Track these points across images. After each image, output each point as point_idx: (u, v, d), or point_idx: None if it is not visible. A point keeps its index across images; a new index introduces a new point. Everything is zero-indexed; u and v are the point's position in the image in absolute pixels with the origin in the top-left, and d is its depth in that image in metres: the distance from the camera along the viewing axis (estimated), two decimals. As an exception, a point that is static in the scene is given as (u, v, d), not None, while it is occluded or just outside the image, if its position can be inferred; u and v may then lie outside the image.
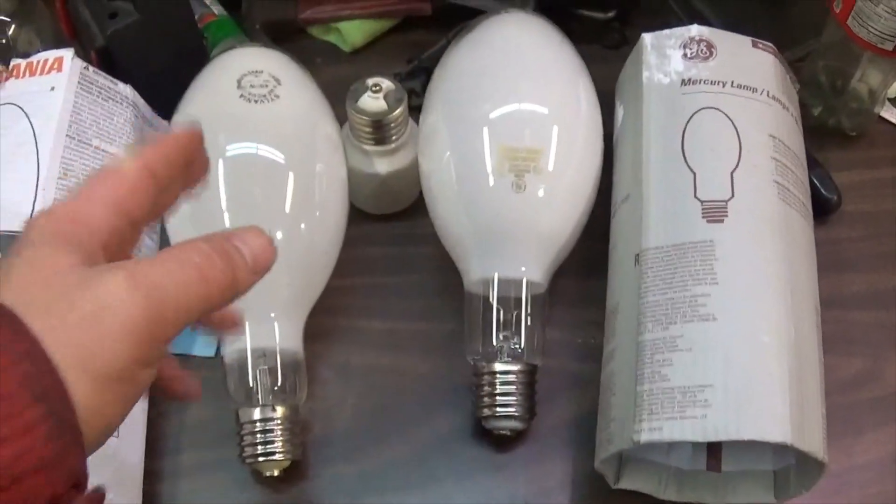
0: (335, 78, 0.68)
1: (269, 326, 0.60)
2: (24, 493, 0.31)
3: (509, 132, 0.62)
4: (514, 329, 0.61)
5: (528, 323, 0.61)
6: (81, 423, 0.34)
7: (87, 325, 0.34)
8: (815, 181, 0.68)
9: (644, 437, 0.52)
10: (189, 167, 0.43)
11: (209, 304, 0.38)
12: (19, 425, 0.31)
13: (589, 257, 0.66)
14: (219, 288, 0.38)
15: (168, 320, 0.36)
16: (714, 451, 0.59)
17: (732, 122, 0.60)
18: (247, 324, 0.60)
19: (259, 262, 0.40)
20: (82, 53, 0.68)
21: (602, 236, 0.65)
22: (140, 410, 0.61)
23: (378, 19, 0.82)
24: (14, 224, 0.59)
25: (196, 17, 0.77)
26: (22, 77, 0.66)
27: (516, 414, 0.60)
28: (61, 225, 0.38)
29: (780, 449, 0.56)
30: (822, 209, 0.68)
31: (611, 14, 0.80)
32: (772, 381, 0.52)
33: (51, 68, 0.65)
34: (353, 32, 0.81)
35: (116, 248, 0.39)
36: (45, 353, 0.33)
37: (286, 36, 0.68)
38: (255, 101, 0.62)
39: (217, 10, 0.81)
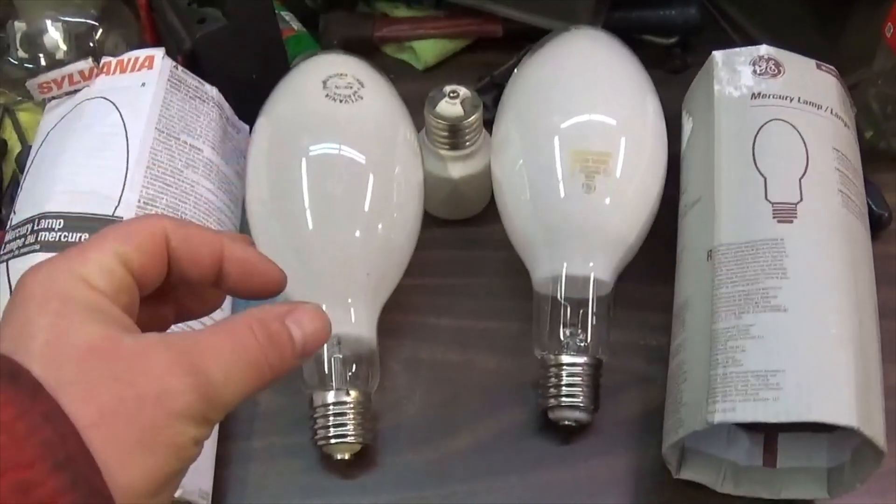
0: (408, 94, 0.71)
1: (346, 312, 0.63)
2: None
3: (579, 139, 0.66)
4: (580, 325, 0.63)
5: (594, 320, 0.63)
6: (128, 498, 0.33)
7: (147, 409, 0.34)
8: (868, 199, 0.71)
9: (718, 418, 0.55)
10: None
11: (259, 387, 0.39)
12: (42, 495, 0.31)
13: (652, 263, 0.68)
14: (267, 375, 0.39)
15: (220, 405, 0.37)
16: (770, 446, 0.62)
17: (800, 134, 0.64)
18: (324, 309, 0.62)
19: (308, 348, 0.41)
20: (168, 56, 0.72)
21: (665, 243, 0.68)
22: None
23: (451, 39, 0.86)
24: (104, 208, 0.62)
25: (276, 32, 0.82)
26: (112, 73, 0.69)
27: (581, 405, 0.62)
28: (77, 290, 0.37)
29: (835, 445, 0.59)
30: (874, 225, 0.71)
31: (673, 40, 0.84)
32: (839, 369, 0.55)
33: (142, 66, 0.69)
34: (427, 51, 0.85)
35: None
36: (66, 416, 0.32)
37: (362, 53, 0.71)
38: (340, 101, 0.66)
39: (296, 25, 0.85)
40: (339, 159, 0.65)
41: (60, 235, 0.61)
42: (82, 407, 0.33)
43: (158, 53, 0.69)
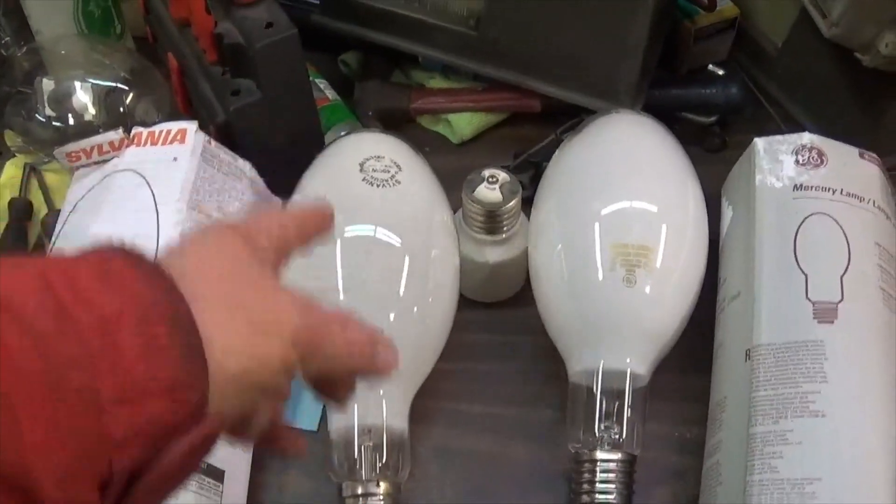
0: (443, 168, 0.75)
1: (378, 403, 0.66)
2: (149, 411, 0.36)
3: (620, 229, 0.69)
4: (615, 419, 0.66)
5: (630, 414, 0.66)
6: (222, 386, 0.39)
7: (262, 317, 0.42)
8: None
9: (753, 527, 0.57)
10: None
11: (340, 367, 0.48)
12: (155, 344, 0.37)
13: (688, 353, 0.71)
14: (353, 363, 0.48)
15: (316, 351, 0.44)
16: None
17: (842, 229, 0.66)
18: (355, 399, 0.65)
19: (384, 369, 0.50)
20: (200, 126, 0.74)
21: (701, 333, 0.71)
22: (241, 483, 0.67)
23: (487, 113, 0.89)
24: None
25: (310, 100, 0.85)
26: (143, 145, 0.73)
27: (615, 502, 0.65)
28: (243, 228, 0.46)
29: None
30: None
31: (713, 118, 0.87)
32: (876, 479, 0.58)
33: (174, 139, 0.72)
34: (463, 124, 0.89)
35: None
36: (180, 292, 0.39)
37: (397, 124, 0.75)
38: (378, 186, 0.69)
39: (331, 94, 0.89)
40: (375, 242, 0.68)
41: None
42: (212, 290, 0.41)
43: (192, 127, 0.72)
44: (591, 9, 0.79)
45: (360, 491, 0.64)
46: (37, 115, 0.81)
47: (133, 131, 0.73)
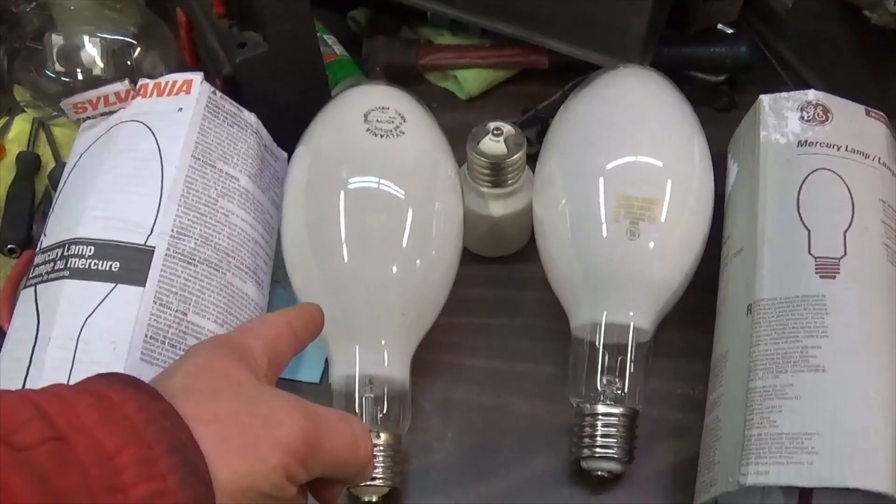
0: (450, 124, 0.74)
1: (379, 354, 0.65)
2: None
3: (624, 182, 0.68)
4: (617, 374, 0.65)
5: (633, 369, 0.66)
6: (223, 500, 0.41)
7: (255, 425, 0.43)
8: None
9: (750, 481, 0.57)
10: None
11: (344, 468, 0.49)
12: (157, 470, 0.38)
13: (692, 310, 0.70)
14: (358, 462, 0.50)
15: (317, 454, 0.46)
16: (805, 501, 0.64)
17: (846, 185, 0.65)
18: (357, 350, 0.65)
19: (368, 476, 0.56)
20: (207, 79, 0.74)
21: (706, 290, 0.70)
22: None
23: (495, 69, 0.88)
24: (136, 237, 0.65)
25: (318, 55, 0.84)
26: (149, 96, 0.72)
27: (616, 456, 0.64)
28: (232, 342, 0.48)
29: (874, 498, 0.60)
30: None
31: (722, 77, 0.86)
32: (877, 434, 0.57)
33: (179, 90, 0.71)
34: (471, 81, 0.88)
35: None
36: (179, 417, 0.40)
37: (405, 80, 0.74)
38: (381, 136, 0.69)
39: (339, 50, 0.88)
40: (379, 194, 0.67)
41: (91, 263, 0.64)
42: (203, 408, 0.42)
43: (197, 78, 0.72)
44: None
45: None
46: (46, 71, 0.80)
47: (139, 83, 0.73)
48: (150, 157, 0.68)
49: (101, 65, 0.80)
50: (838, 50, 0.84)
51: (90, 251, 0.64)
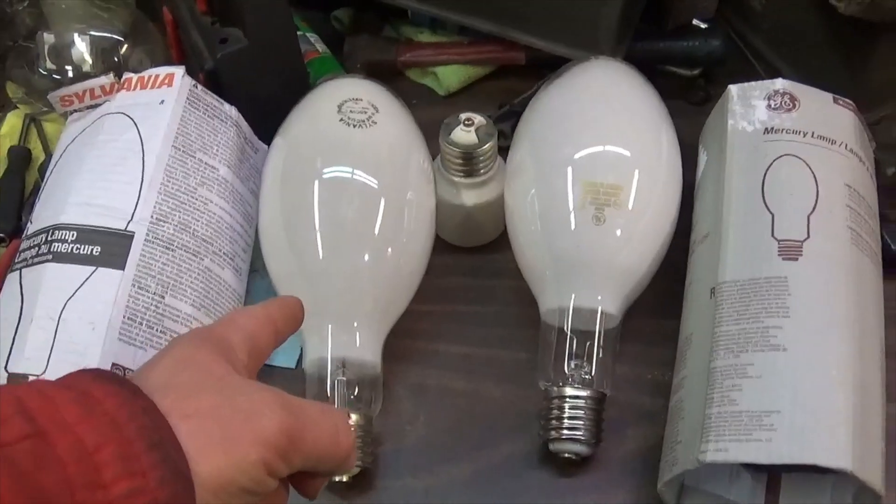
0: (429, 119, 0.75)
1: (352, 336, 0.66)
2: None
3: (592, 171, 0.69)
4: (585, 358, 0.66)
5: (600, 353, 0.66)
6: (202, 495, 0.40)
7: (235, 420, 0.43)
8: (886, 236, 0.72)
9: (709, 458, 0.57)
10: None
11: (324, 462, 0.48)
12: (137, 467, 0.38)
13: (664, 297, 0.71)
14: (339, 454, 0.48)
15: (298, 447, 0.45)
16: (773, 487, 0.64)
17: (811, 170, 0.66)
18: (329, 331, 0.66)
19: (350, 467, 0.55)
20: (190, 73, 0.76)
21: (677, 277, 0.71)
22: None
23: (474, 66, 0.90)
24: (116, 223, 0.66)
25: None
26: (133, 90, 0.74)
27: (582, 438, 0.65)
28: (213, 335, 0.48)
29: (838, 487, 0.61)
30: (893, 263, 0.73)
31: (696, 71, 0.87)
32: (837, 412, 0.57)
33: (161, 83, 0.73)
34: (449, 77, 0.89)
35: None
36: (160, 414, 0.40)
37: (385, 77, 0.75)
38: (354, 126, 0.70)
39: (321, 48, 0.90)
40: (352, 183, 0.69)
41: (73, 247, 0.65)
42: (183, 403, 0.42)
43: (179, 72, 0.73)
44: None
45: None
46: (38, 68, 0.82)
47: (124, 77, 0.74)
48: (132, 147, 0.70)
49: (90, 61, 0.82)
50: (811, 42, 0.84)
51: (73, 236, 0.66)
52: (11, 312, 0.64)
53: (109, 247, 0.65)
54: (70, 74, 0.81)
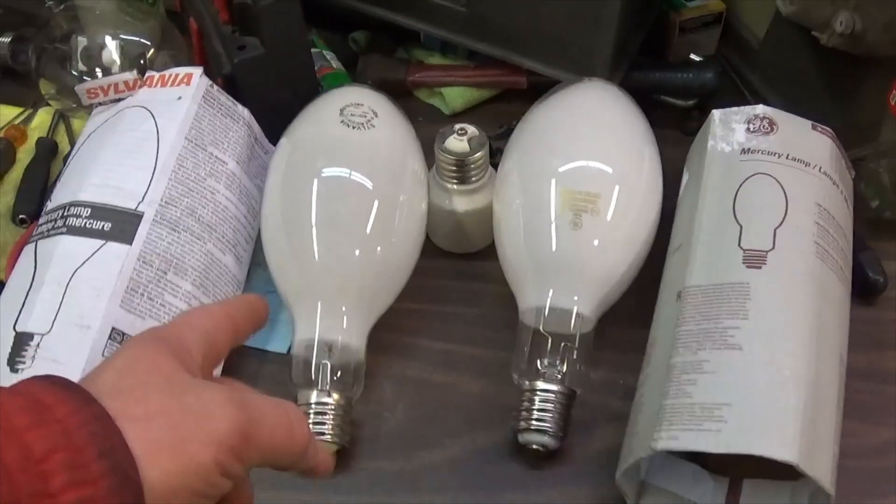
0: (432, 135, 0.79)
1: (339, 319, 0.70)
2: None
3: (572, 181, 0.73)
4: (560, 356, 0.70)
5: (573, 353, 0.70)
6: (152, 500, 0.39)
7: (185, 421, 0.41)
8: (864, 263, 0.76)
9: (661, 445, 0.60)
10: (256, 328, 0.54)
11: (283, 457, 0.47)
12: (86, 476, 0.37)
13: (641, 308, 0.74)
14: (295, 452, 0.48)
15: (252, 445, 0.44)
16: (734, 490, 0.66)
17: (782, 187, 0.69)
18: (318, 313, 0.71)
19: (318, 470, 0.51)
20: (210, 77, 0.81)
21: (653, 290, 0.74)
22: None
23: (479, 88, 0.95)
24: (128, 203, 0.71)
25: (316, 67, 0.92)
26: (154, 86, 0.79)
27: (550, 430, 0.68)
28: (165, 334, 0.47)
29: (797, 492, 0.64)
30: (869, 289, 0.77)
31: (691, 102, 0.91)
32: (786, 408, 0.59)
33: (181, 81, 0.79)
34: (455, 98, 0.94)
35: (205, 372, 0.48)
36: (111, 420, 0.39)
37: (394, 96, 0.80)
38: (353, 127, 0.75)
39: (336, 64, 0.96)
40: (348, 183, 0.73)
41: (87, 222, 0.70)
42: (131, 407, 0.41)
43: (197, 72, 0.79)
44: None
45: (313, 399, 0.68)
46: (70, 69, 0.88)
47: (146, 74, 0.80)
48: (148, 137, 0.75)
49: (119, 63, 0.87)
50: (803, 78, 0.88)
51: (87, 212, 0.71)
52: (24, 278, 0.69)
53: (120, 224, 0.70)
54: (99, 75, 0.87)
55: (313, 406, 0.68)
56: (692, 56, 0.92)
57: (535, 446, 0.69)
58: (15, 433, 0.37)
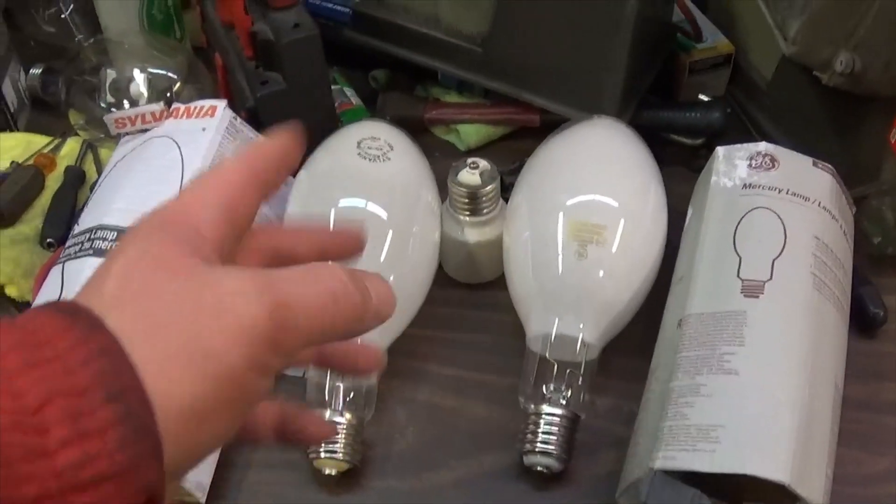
0: (447, 170, 0.82)
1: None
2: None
3: (579, 213, 0.76)
4: (565, 382, 0.72)
5: (579, 382, 0.73)
6: (175, 425, 0.33)
7: (202, 320, 0.34)
8: (865, 297, 0.79)
9: (658, 464, 0.62)
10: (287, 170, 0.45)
11: (333, 331, 0.39)
12: (91, 426, 0.30)
13: (643, 340, 0.76)
14: (346, 319, 0.39)
15: (291, 332, 0.36)
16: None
17: (782, 220, 0.72)
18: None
19: (382, 309, 0.41)
20: (234, 110, 0.85)
21: (657, 322, 0.76)
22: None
23: (493, 126, 0.99)
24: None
25: (336, 103, 0.96)
26: (180, 118, 0.84)
27: (554, 452, 0.71)
28: (170, 217, 0.39)
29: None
30: (870, 322, 0.79)
31: (699, 141, 0.95)
32: (780, 430, 0.62)
33: (205, 113, 0.83)
34: (470, 135, 0.98)
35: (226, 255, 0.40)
36: (123, 351, 0.32)
37: (412, 132, 0.84)
38: (370, 160, 0.79)
39: (356, 100, 1.00)
40: (364, 213, 0.77)
41: (112, 245, 0.74)
42: (139, 320, 0.34)
43: (221, 104, 0.83)
44: (578, 28, 0.88)
45: (325, 417, 0.71)
46: (99, 101, 0.92)
47: (173, 106, 0.84)
48: (173, 166, 0.79)
49: (146, 95, 0.91)
50: (809, 119, 0.91)
51: (113, 235, 0.75)
52: (51, 298, 0.71)
53: (143, 246, 0.74)
54: (127, 107, 0.91)
55: (326, 426, 0.71)
56: (701, 96, 0.95)
57: (539, 468, 0.72)
58: (4, 377, 0.30)
